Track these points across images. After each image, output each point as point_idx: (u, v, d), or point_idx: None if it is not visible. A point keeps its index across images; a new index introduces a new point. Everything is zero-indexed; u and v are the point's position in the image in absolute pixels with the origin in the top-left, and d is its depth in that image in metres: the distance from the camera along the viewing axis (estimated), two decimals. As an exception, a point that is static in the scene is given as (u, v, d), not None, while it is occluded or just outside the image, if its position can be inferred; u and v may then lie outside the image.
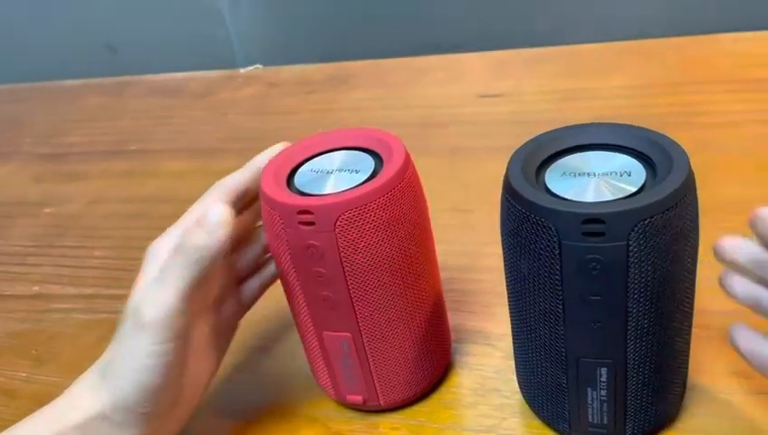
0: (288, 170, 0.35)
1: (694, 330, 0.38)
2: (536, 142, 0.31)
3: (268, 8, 0.91)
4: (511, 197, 0.29)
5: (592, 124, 0.31)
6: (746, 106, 0.59)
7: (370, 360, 0.35)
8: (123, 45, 0.99)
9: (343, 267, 0.32)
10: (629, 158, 0.30)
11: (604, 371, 0.30)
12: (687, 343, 0.32)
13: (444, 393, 0.38)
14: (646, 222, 0.26)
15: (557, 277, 0.28)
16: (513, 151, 0.31)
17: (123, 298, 0.51)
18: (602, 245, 0.26)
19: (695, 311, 0.39)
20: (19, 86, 1.03)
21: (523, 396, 0.36)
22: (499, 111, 0.66)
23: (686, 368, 0.33)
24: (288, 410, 0.39)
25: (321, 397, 0.39)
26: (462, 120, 0.67)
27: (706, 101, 0.61)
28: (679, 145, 0.29)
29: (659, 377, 0.31)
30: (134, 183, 0.69)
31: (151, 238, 0.58)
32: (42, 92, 1.00)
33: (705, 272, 0.41)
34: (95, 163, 0.75)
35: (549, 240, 0.27)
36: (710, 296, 0.40)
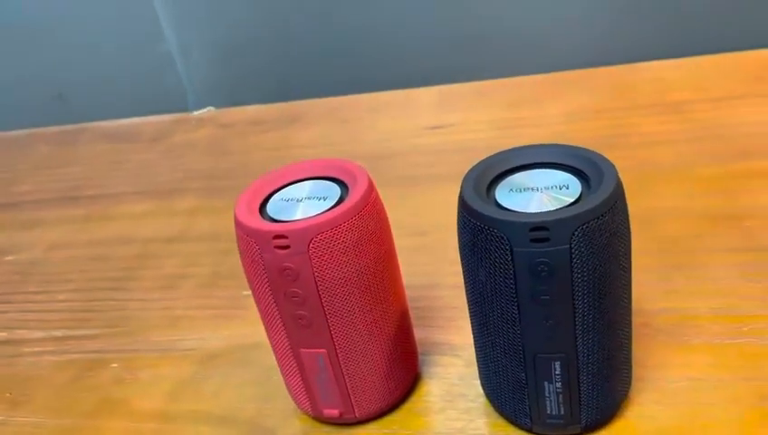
0: (260, 201, 0.37)
1: (635, 328, 0.42)
2: (486, 163, 0.35)
3: (218, 52, 0.94)
4: (466, 212, 0.32)
5: (534, 146, 0.35)
6: (669, 127, 0.65)
7: (345, 374, 0.38)
8: (73, 93, 1.00)
9: (317, 286, 0.35)
10: (566, 173, 0.34)
11: (558, 364, 0.33)
12: (629, 337, 0.36)
13: (414, 402, 0.41)
14: (584, 226, 0.30)
15: (511, 281, 0.31)
16: (466, 172, 0.34)
17: (92, 338, 0.53)
18: (548, 249, 0.30)
19: (634, 310, 0.43)
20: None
21: (488, 398, 0.39)
22: (447, 141, 0.71)
23: (630, 360, 0.37)
24: (267, 431, 0.41)
25: (300, 416, 0.42)
26: (413, 151, 0.71)
27: (634, 124, 0.67)
28: (608, 160, 0.33)
29: (607, 368, 0.34)
30: (93, 227, 0.70)
31: (114, 279, 0.60)
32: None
33: (643, 275, 0.46)
34: (51, 210, 0.76)
35: (502, 248, 0.31)
36: (648, 297, 0.45)
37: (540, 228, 0.30)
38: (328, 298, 0.35)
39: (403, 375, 0.40)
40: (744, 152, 0.58)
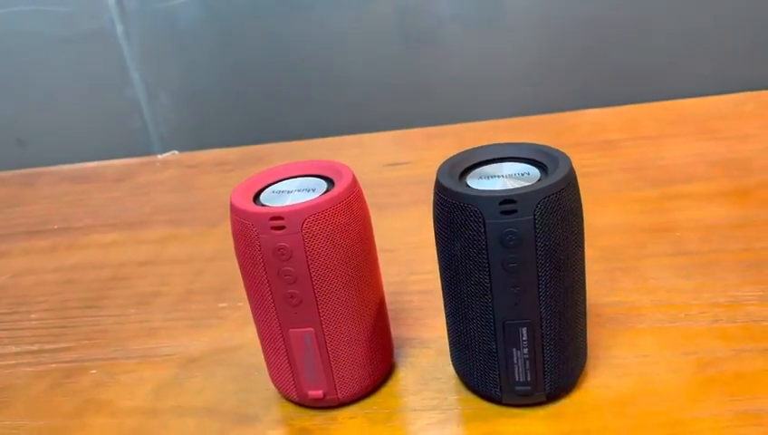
0: (253, 193, 0.41)
1: (589, 317, 0.47)
2: (457, 158, 0.40)
3: (185, 97, 0.98)
4: (443, 194, 0.37)
5: (499, 144, 0.40)
6: (604, 160, 0.72)
7: (330, 354, 0.41)
8: (34, 138, 1.02)
9: (309, 265, 0.38)
10: (527, 165, 0.39)
11: (524, 330, 0.37)
12: (584, 311, 0.40)
13: (391, 386, 0.44)
14: (546, 199, 0.35)
15: (484, 252, 0.36)
16: (440, 165, 0.39)
17: (69, 350, 0.54)
18: (516, 219, 0.35)
19: (589, 303, 0.48)
20: None
21: (459, 376, 0.42)
22: (407, 175, 0.76)
23: (585, 335, 0.41)
24: (251, 417, 0.43)
25: (282, 403, 0.44)
26: (375, 184, 0.76)
27: (574, 158, 0.74)
28: (564, 153, 0.38)
29: (567, 337, 0.38)
30: (61, 255, 0.71)
31: (87, 299, 0.61)
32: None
33: (594, 276, 0.51)
34: (16, 243, 0.76)
35: (476, 221, 0.35)
36: (599, 293, 0.50)
37: (508, 201, 0.35)
38: (318, 277, 0.39)
39: (382, 360, 0.43)
40: (668, 179, 0.66)
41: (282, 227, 0.38)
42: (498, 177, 0.38)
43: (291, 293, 0.39)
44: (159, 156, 0.98)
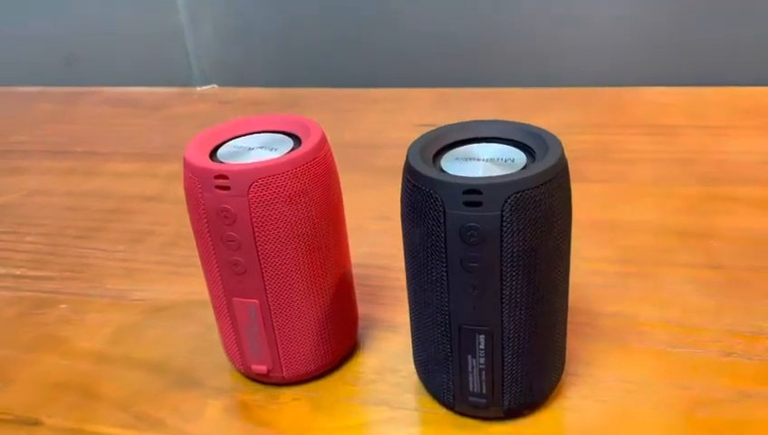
0: (213, 146, 0.37)
1: (577, 326, 0.41)
2: (435, 133, 0.35)
3: (228, 30, 0.95)
4: (408, 174, 0.32)
5: (485, 121, 0.35)
6: (654, 147, 0.64)
7: (276, 329, 0.37)
8: (82, 59, 1.01)
9: (254, 233, 0.34)
10: (514, 148, 0.33)
11: (482, 338, 0.33)
12: (563, 324, 0.35)
13: (346, 372, 0.40)
14: (518, 195, 0.29)
15: (442, 245, 0.31)
16: (417, 138, 0.34)
17: (48, 280, 0.53)
18: (479, 214, 0.30)
19: (581, 309, 0.43)
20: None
21: (417, 372, 0.38)
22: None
23: (563, 350, 0.36)
24: (195, 381, 0.41)
25: (232, 371, 0.41)
26: (400, 145, 0.71)
27: (623, 141, 0.67)
28: (556, 137, 0.33)
29: (534, 350, 0.33)
30: (75, 180, 0.71)
31: (83, 229, 0.60)
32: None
33: (600, 279, 0.45)
34: (38, 161, 0.77)
35: (435, 209, 0.31)
36: (599, 300, 0.44)
37: (472, 191, 0.30)
38: (264, 247, 0.35)
39: (337, 342, 0.40)
40: (724, 178, 0.58)
41: (226, 188, 0.34)
42: (477, 160, 0.33)
43: (234, 260, 0.36)
44: (198, 88, 0.96)
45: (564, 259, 0.33)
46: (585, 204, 0.56)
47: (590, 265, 0.48)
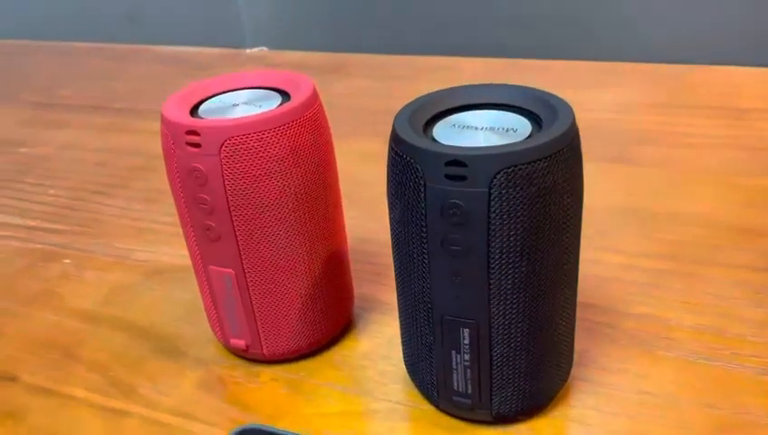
0: (195, 101, 0.35)
1: (597, 326, 0.37)
2: (429, 98, 0.30)
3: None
4: (392, 141, 0.28)
5: (489, 85, 0.30)
6: (720, 131, 0.57)
7: (254, 304, 0.34)
8: (140, 16, 1.01)
9: (227, 197, 0.31)
10: (519, 116, 0.29)
11: (467, 332, 0.29)
12: (568, 321, 0.30)
13: (333, 353, 0.37)
14: (510, 170, 0.25)
15: (422, 222, 0.27)
16: (406, 103, 0.30)
17: (59, 233, 0.52)
18: (463, 189, 0.26)
19: (603, 308, 0.38)
20: (35, 42, 1.06)
21: (404, 362, 0.34)
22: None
23: (569, 351, 0.32)
24: (178, 350, 0.39)
25: (216, 344, 0.39)
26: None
27: (684, 123, 0.60)
28: (568, 105, 0.28)
29: (529, 350, 0.29)
30: (110, 136, 0.70)
31: (106, 185, 0.59)
32: (53, 50, 1.03)
33: (632, 275, 0.40)
34: (79, 115, 0.76)
35: (416, 181, 0.27)
36: (628, 299, 0.39)
37: (456, 163, 0.25)
38: (239, 212, 0.32)
39: (325, 321, 0.36)
40: (799, 170, 0.51)
41: (197, 145, 0.31)
42: (475, 129, 0.28)
43: (207, 224, 0.33)
44: (248, 50, 0.94)
45: (569, 248, 0.28)
46: (629, 190, 0.50)
47: (622, 258, 0.42)
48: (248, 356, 0.37)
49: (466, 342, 0.29)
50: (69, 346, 0.40)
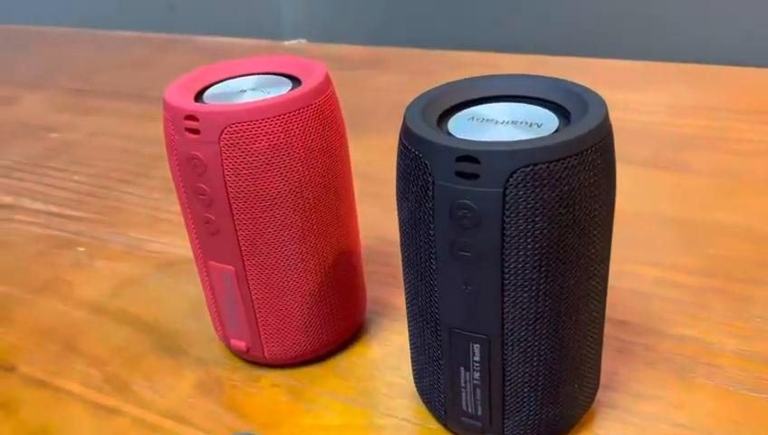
0: (201, 86, 0.33)
1: (632, 347, 0.33)
2: (448, 88, 0.28)
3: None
4: (402, 134, 0.26)
5: (512, 75, 0.28)
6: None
7: (255, 303, 0.32)
8: (181, 4, 1.01)
9: (227, 188, 0.29)
10: (547, 110, 0.26)
11: (477, 348, 0.26)
12: (593, 340, 0.27)
13: (341, 360, 0.35)
14: (529, 169, 0.22)
15: (430, 224, 0.24)
16: (420, 94, 0.27)
17: (78, 221, 0.51)
18: (475, 189, 0.23)
19: (641, 328, 0.34)
20: (76, 30, 1.07)
21: (413, 376, 0.32)
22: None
23: (593, 373, 0.28)
24: (179, 348, 0.37)
25: (219, 344, 0.37)
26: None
27: (738, 129, 0.55)
28: (601, 98, 0.25)
29: (547, 370, 0.26)
30: (142, 124, 0.69)
31: (129, 173, 0.58)
32: (94, 38, 1.03)
33: (674, 293, 0.37)
34: (113, 102, 0.76)
35: (424, 178, 0.24)
36: (668, 319, 0.35)
37: (468, 159, 0.23)
38: (239, 205, 0.30)
39: (332, 326, 0.34)
40: None
41: (196, 132, 0.29)
42: (495, 122, 0.26)
43: (206, 217, 0.31)
44: (286, 42, 0.92)
45: (596, 259, 0.25)
46: (671, 198, 0.46)
47: (660, 272, 0.39)
48: (249, 359, 0.35)
49: (477, 359, 0.26)
50: (71, 338, 0.39)
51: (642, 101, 0.62)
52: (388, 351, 0.35)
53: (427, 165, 0.24)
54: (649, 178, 0.49)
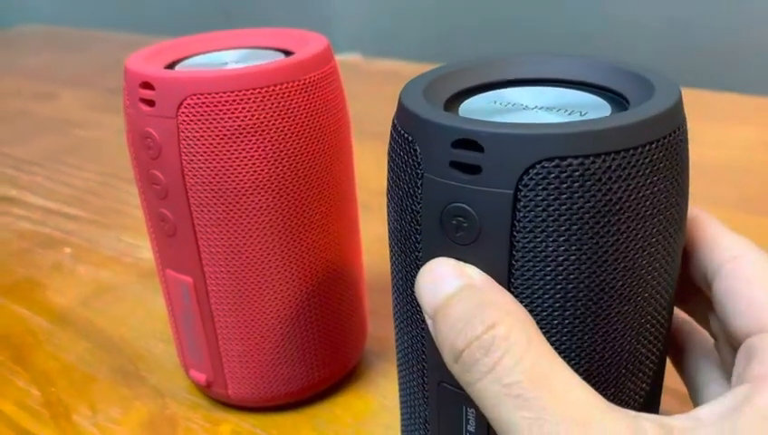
0: (180, 56, 0.27)
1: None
2: (467, 64, 0.21)
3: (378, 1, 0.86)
4: (396, 116, 0.19)
5: (558, 54, 0.21)
6: None
7: (218, 327, 0.26)
8: (237, 13, 0.99)
9: (184, 177, 0.23)
10: (594, 96, 0.19)
11: (472, 413, 0.19)
12: (643, 390, 0.20)
13: (322, 410, 0.28)
14: (554, 163, 0.15)
15: (415, 234, 0.18)
16: (434, 68, 0.21)
17: (73, 220, 0.46)
18: (475, 187, 0.16)
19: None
20: (135, 35, 1.06)
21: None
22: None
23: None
24: (137, 374, 0.31)
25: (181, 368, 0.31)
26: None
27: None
28: (673, 83, 0.18)
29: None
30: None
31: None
32: (150, 43, 1.02)
33: None
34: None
35: (412, 167, 0.17)
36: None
37: (467, 144, 0.16)
38: (199, 198, 0.24)
39: (314, 365, 0.27)
40: None
41: (151, 103, 0.23)
42: (524, 107, 0.19)
43: (161, 214, 0.25)
44: (338, 56, 0.87)
45: (650, 306, 0.18)
46: (764, 247, 0.38)
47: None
48: (213, 395, 0.28)
49: (472, 428, 0.19)
50: (22, 348, 0.33)
51: (734, 136, 0.54)
52: (382, 403, 0.28)
53: (416, 151, 0.17)
54: (736, 224, 0.41)
